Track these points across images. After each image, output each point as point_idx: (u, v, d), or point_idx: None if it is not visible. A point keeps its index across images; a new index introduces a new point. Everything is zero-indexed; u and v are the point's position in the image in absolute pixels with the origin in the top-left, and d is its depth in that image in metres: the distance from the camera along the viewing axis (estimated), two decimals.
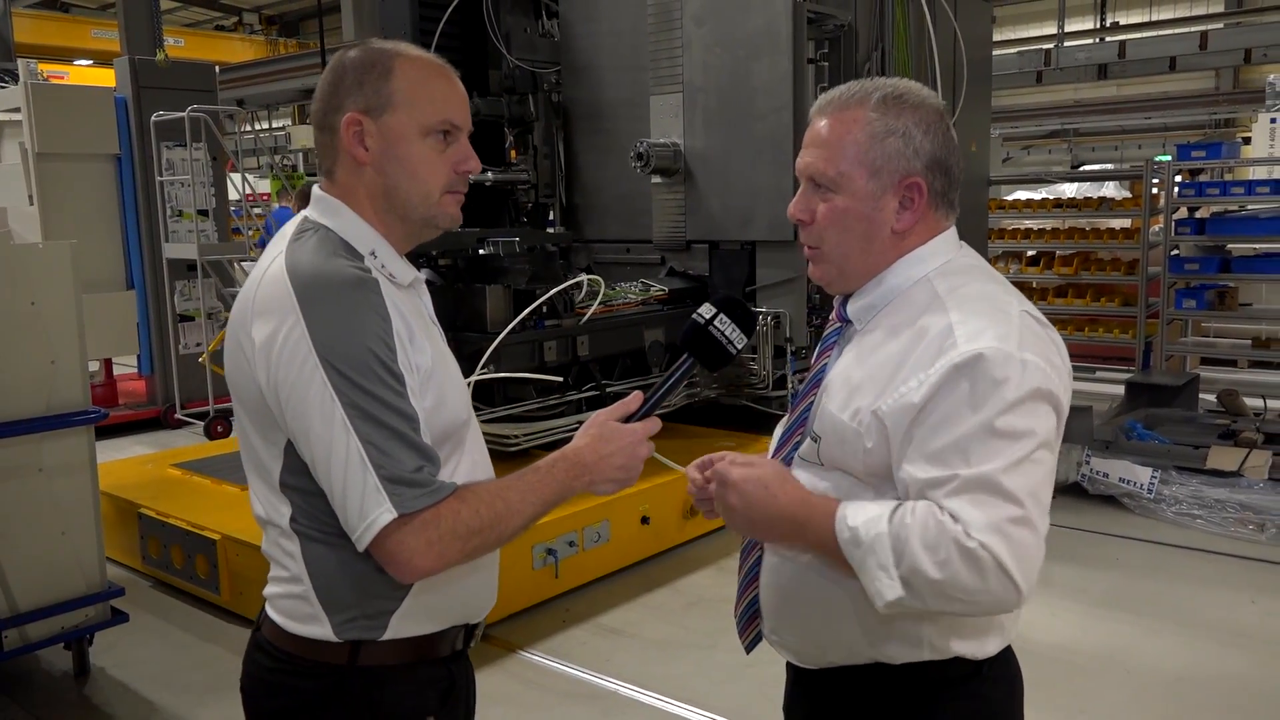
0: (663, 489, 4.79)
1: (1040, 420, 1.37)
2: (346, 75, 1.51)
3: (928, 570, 1.31)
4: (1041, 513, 1.35)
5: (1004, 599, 1.32)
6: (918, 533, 1.33)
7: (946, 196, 1.50)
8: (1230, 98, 18.81)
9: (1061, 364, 1.43)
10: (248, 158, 17.50)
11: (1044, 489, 1.37)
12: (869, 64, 5.78)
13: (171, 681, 3.84)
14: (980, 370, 1.34)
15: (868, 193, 1.46)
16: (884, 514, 1.36)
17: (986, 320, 1.39)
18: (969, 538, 1.30)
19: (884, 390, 1.41)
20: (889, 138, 1.44)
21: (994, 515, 1.31)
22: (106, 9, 21.21)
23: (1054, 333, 1.47)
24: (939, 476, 1.34)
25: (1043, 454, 1.37)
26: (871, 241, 1.49)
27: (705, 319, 1.64)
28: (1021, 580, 1.31)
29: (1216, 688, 3.65)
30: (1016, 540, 1.31)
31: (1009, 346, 1.36)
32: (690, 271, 5.91)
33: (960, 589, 1.31)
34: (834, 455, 1.49)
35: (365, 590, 1.48)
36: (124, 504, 4.75)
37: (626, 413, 1.60)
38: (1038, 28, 18.63)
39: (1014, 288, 1.51)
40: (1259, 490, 5.17)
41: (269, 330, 1.41)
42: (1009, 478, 1.32)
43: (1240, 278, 7.75)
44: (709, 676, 3.73)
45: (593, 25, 6.12)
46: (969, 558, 1.30)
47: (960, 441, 1.34)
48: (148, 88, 7.74)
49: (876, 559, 1.34)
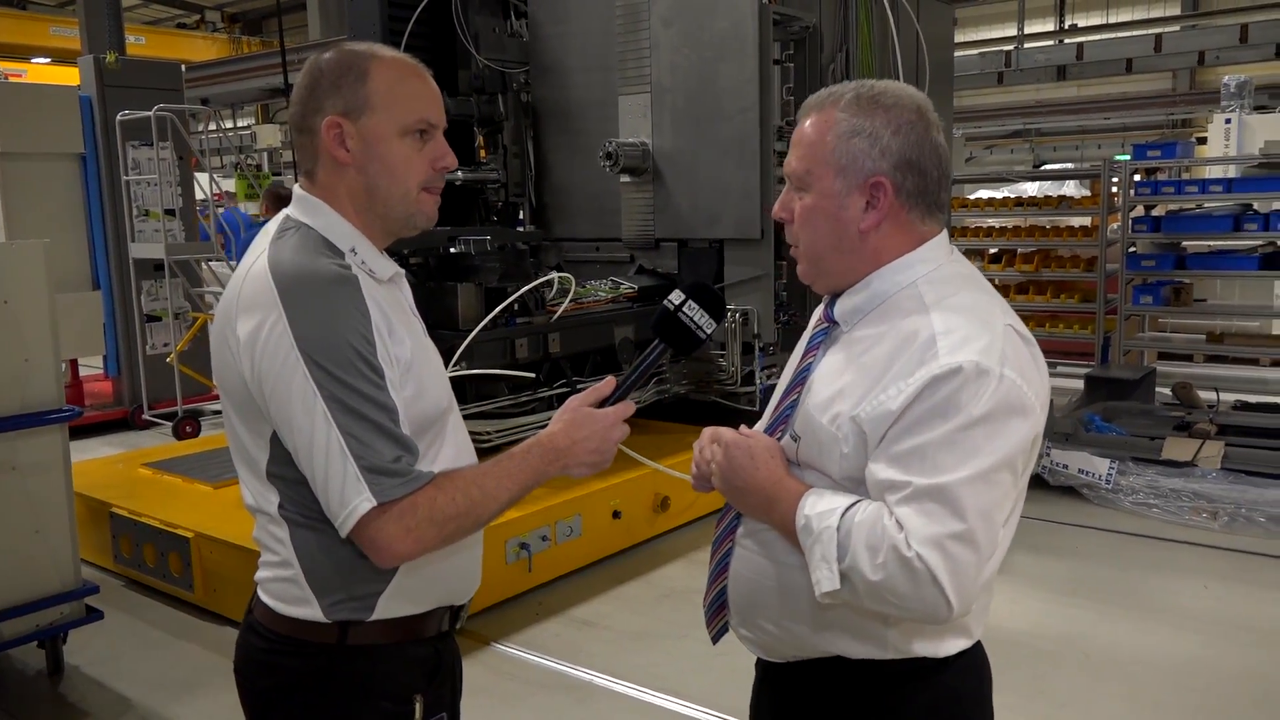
0: (634, 484, 4.86)
1: (1009, 438, 1.37)
2: (323, 78, 1.56)
3: (865, 570, 1.35)
4: (989, 532, 1.36)
5: (934, 610, 1.34)
6: (864, 533, 1.36)
7: (924, 198, 1.49)
8: (1187, 98, 19.19)
9: (1040, 380, 1.44)
10: (213, 157, 17.35)
11: (998, 509, 1.38)
12: (834, 65, 5.88)
13: (146, 679, 3.85)
14: (957, 383, 1.35)
15: (834, 192, 1.48)
16: (839, 508, 1.40)
17: (970, 333, 1.40)
18: (908, 547, 1.32)
19: (864, 397, 1.43)
20: (854, 138, 1.46)
21: (936, 529, 1.33)
22: (65, 6, 20.93)
23: (1036, 348, 1.48)
24: (896, 480, 1.36)
25: (1003, 475, 1.37)
26: (840, 240, 1.50)
27: (674, 305, 1.69)
28: (954, 595, 1.32)
29: (1170, 669, 3.78)
30: (954, 556, 1.33)
31: (989, 361, 1.37)
32: (659, 269, 5.98)
33: (893, 594, 1.34)
34: (811, 457, 1.51)
35: (352, 573, 1.53)
36: (95, 504, 4.75)
37: (600, 398, 1.65)
38: (999, 29, 18.89)
39: (1001, 299, 1.51)
40: (1212, 479, 5.33)
41: (253, 325, 1.46)
42: (961, 492, 1.33)
43: (1195, 274, 7.95)
44: (680, 666, 3.80)
45: (561, 26, 6.17)
46: (905, 566, 1.32)
47: (923, 448, 1.36)
48: (112, 86, 7.69)
49: (822, 550, 1.39)
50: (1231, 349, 8.17)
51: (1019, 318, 1.51)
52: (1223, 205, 7.90)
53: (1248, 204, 7.95)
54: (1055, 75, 14.36)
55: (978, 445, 1.35)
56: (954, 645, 1.51)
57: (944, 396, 1.36)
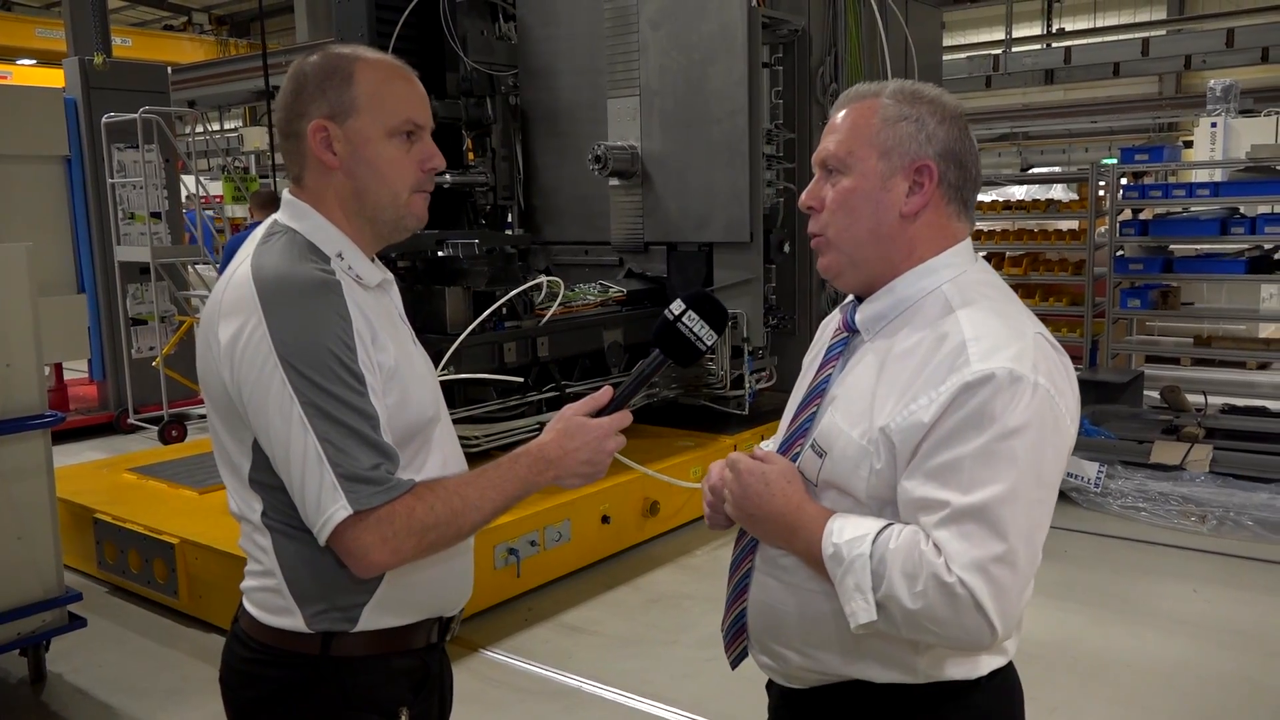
0: (623, 488, 4.84)
1: (1045, 451, 1.32)
2: (308, 82, 1.54)
3: (904, 599, 1.30)
4: (1030, 552, 1.31)
5: (978, 636, 1.29)
6: (900, 560, 1.30)
7: (960, 193, 1.47)
8: (1173, 102, 19.29)
9: (1070, 390, 1.40)
10: (199, 159, 17.28)
11: (1039, 528, 1.33)
12: (822, 68, 5.89)
13: (130, 686, 3.82)
14: (990, 390, 1.31)
15: (877, 173, 1.44)
16: (869, 534, 1.34)
17: (1001, 339, 1.35)
18: (949, 572, 1.27)
19: (894, 408, 1.37)
20: (901, 122, 1.44)
21: (978, 553, 1.27)
22: (51, 7, 20.82)
23: (1066, 358, 1.43)
24: (931, 499, 1.32)
25: (1043, 491, 1.33)
26: (880, 225, 1.45)
27: (674, 315, 1.63)
28: (998, 620, 1.28)
29: (1160, 673, 3.78)
30: (997, 580, 1.28)
31: (1022, 368, 1.32)
32: (648, 273, 5.97)
33: (934, 621, 1.29)
34: (836, 474, 1.44)
35: (335, 583, 1.51)
36: (79, 509, 4.70)
37: (596, 407, 1.61)
38: (987, 33, 18.96)
39: (1026, 307, 1.46)
40: (1200, 483, 5.34)
41: (233, 330, 1.45)
42: (1002, 512, 1.28)
43: (1182, 277, 7.98)
44: (669, 671, 3.78)
45: (550, 29, 6.16)
46: (946, 593, 1.27)
47: (959, 462, 1.30)
48: (98, 88, 7.65)
49: (855, 580, 1.33)
50: (1218, 352, 8.19)
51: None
52: (1209, 209, 7.93)
53: (1234, 208, 7.99)
54: (1043, 79, 14.43)
55: (1015, 459, 1.30)
56: (986, 665, 1.46)
57: (977, 406, 1.31)
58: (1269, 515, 5.07)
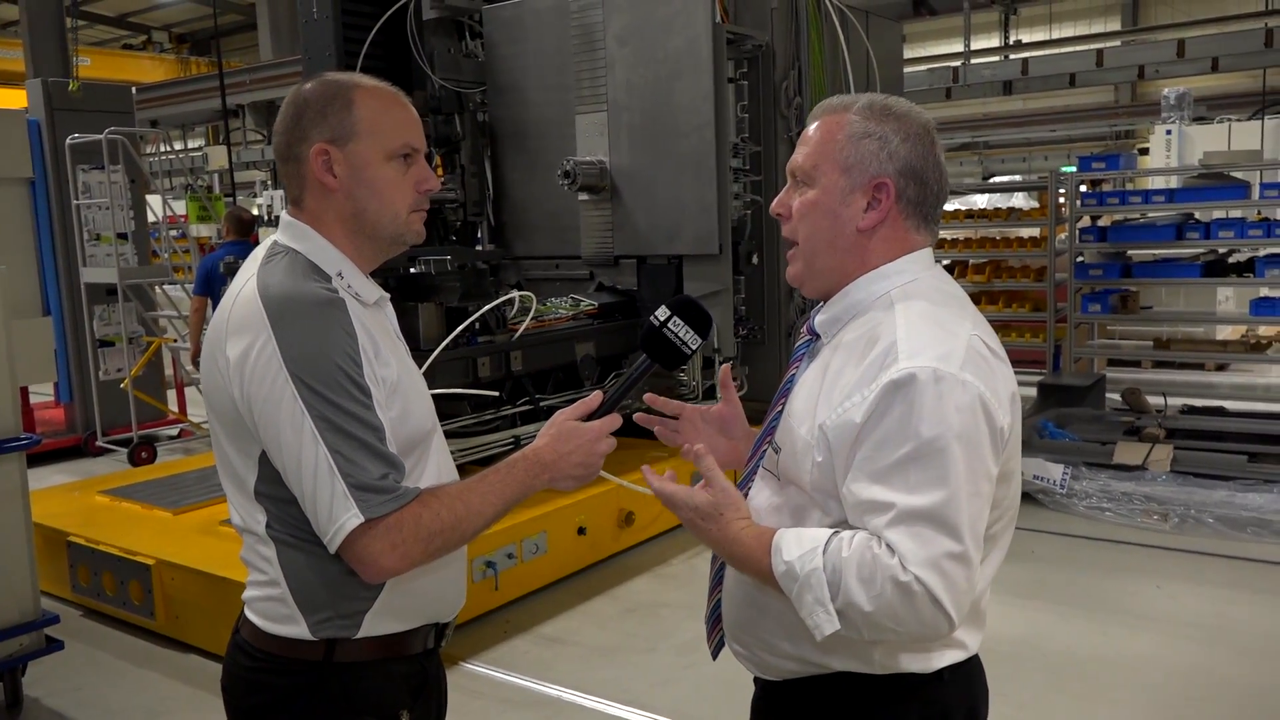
0: (598, 499, 4.88)
1: (979, 442, 1.37)
2: (309, 108, 1.60)
3: (862, 604, 1.34)
4: (977, 543, 1.37)
5: (935, 628, 1.35)
6: (854, 567, 1.35)
7: (921, 208, 1.52)
8: (1129, 110, 19.70)
9: (1005, 391, 1.43)
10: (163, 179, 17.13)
11: (981, 518, 1.38)
12: (786, 82, 5.98)
13: (107, 709, 3.80)
14: (917, 390, 1.35)
15: (838, 188, 1.50)
16: (818, 546, 1.38)
17: (930, 340, 1.40)
18: (905, 571, 1.32)
19: (829, 405, 1.44)
20: (865, 139, 1.49)
21: (931, 550, 1.33)
22: (7, 27, 20.60)
23: (1003, 365, 1.46)
24: (879, 501, 1.36)
25: (982, 484, 1.38)
26: (837, 237, 1.51)
27: (660, 321, 1.71)
28: (954, 611, 1.33)
29: (1126, 668, 3.88)
30: (950, 574, 1.33)
31: (948, 367, 1.37)
32: (619, 286, 6.02)
33: (893, 619, 1.34)
34: (790, 467, 1.52)
35: (339, 591, 1.56)
36: (51, 532, 4.67)
37: (587, 411, 1.68)
38: (946, 45, 19.26)
39: (976, 314, 1.51)
40: (1162, 482, 5.47)
41: (242, 347, 1.50)
42: (947, 510, 1.33)
43: (1140, 282, 8.16)
44: (648, 679, 3.82)
45: (517, 46, 6.21)
46: (903, 591, 1.32)
47: (899, 463, 1.35)
48: (61, 110, 7.61)
49: (813, 594, 1.37)
50: (1177, 354, 8.38)
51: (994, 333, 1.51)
52: (1165, 215, 8.12)
53: (1189, 213, 8.18)
54: (1001, 90, 14.67)
55: (953, 456, 1.35)
56: (942, 659, 1.50)
57: (906, 406, 1.36)
58: (1228, 512, 5.20)
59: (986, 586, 1.55)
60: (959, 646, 1.52)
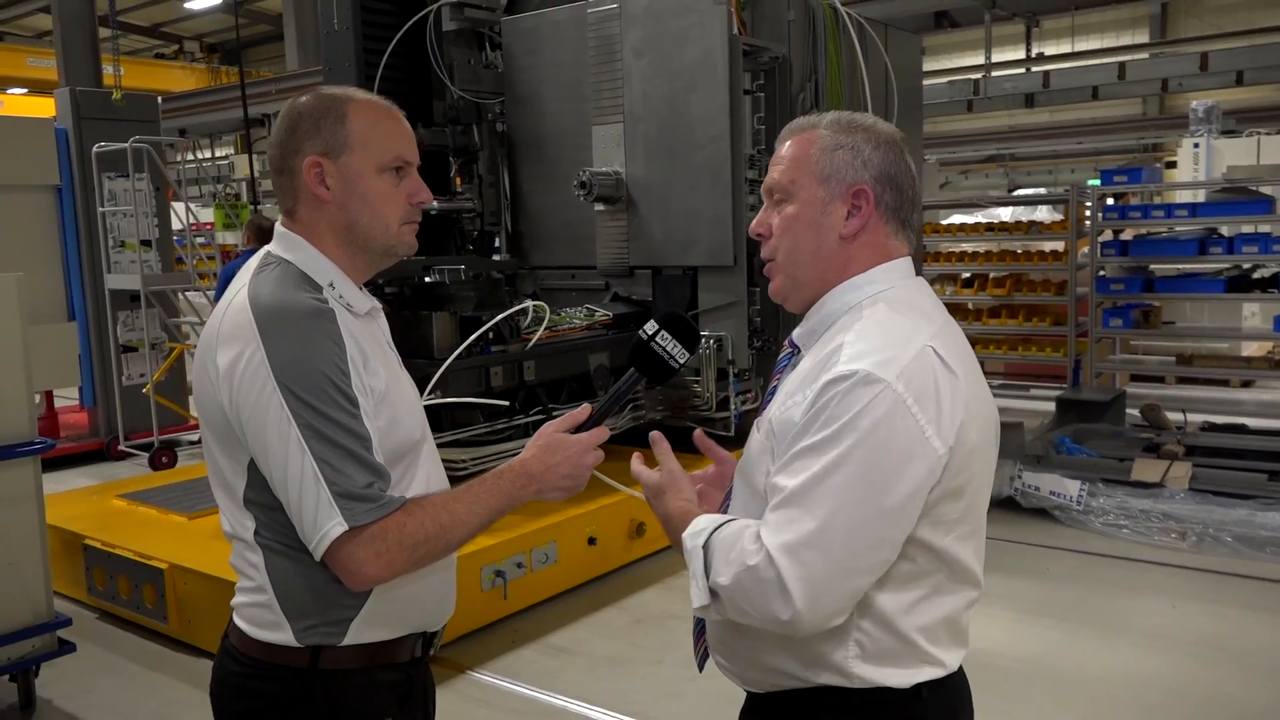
0: (609, 510, 4.89)
1: (884, 452, 1.35)
2: (302, 121, 1.63)
3: (722, 581, 1.39)
4: (850, 547, 1.34)
5: (777, 615, 1.35)
6: (724, 546, 1.41)
7: (898, 213, 1.54)
8: (1156, 123, 19.51)
9: (947, 406, 1.40)
10: (190, 186, 17.35)
11: (867, 525, 1.35)
12: (803, 94, 5.98)
13: (119, 711, 3.84)
14: (843, 388, 1.37)
15: (817, 199, 1.53)
16: (710, 526, 1.45)
17: (876, 345, 1.40)
18: (757, 554, 1.36)
19: (779, 406, 1.49)
20: (838, 150, 1.52)
21: (789, 535, 1.34)
22: (42, 36, 20.94)
23: (959, 377, 1.43)
24: (775, 484, 1.40)
25: (874, 493, 1.34)
26: (820, 248, 1.53)
27: (648, 335, 1.73)
28: (800, 601, 1.32)
29: (1137, 688, 3.83)
30: (805, 563, 1.33)
31: (883, 373, 1.36)
32: (634, 297, 6.03)
33: (746, 601, 1.38)
34: (746, 468, 1.56)
35: (324, 599, 1.58)
36: (69, 535, 4.73)
37: (575, 424, 1.70)
38: (968, 58, 19.17)
39: (944, 327, 1.49)
40: (1180, 500, 5.41)
41: (231, 356, 1.52)
42: (822, 500, 1.34)
43: (1162, 297, 8.08)
44: (655, 691, 3.82)
45: (535, 57, 6.25)
46: (752, 574, 1.36)
47: (801, 451, 1.38)
48: (89, 118, 7.72)
49: (693, 568, 1.45)
50: (1200, 370, 8.29)
51: (966, 347, 1.51)
52: (1188, 229, 8.04)
53: (1213, 228, 8.10)
54: (1023, 103, 14.59)
55: (847, 453, 1.35)
56: (918, 675, 1.49)
57: (826, 401, 1.38)
58: (1248, 531, 5.13)
59: (965, 606, 1.56)
60: (934, 663, 1.52)
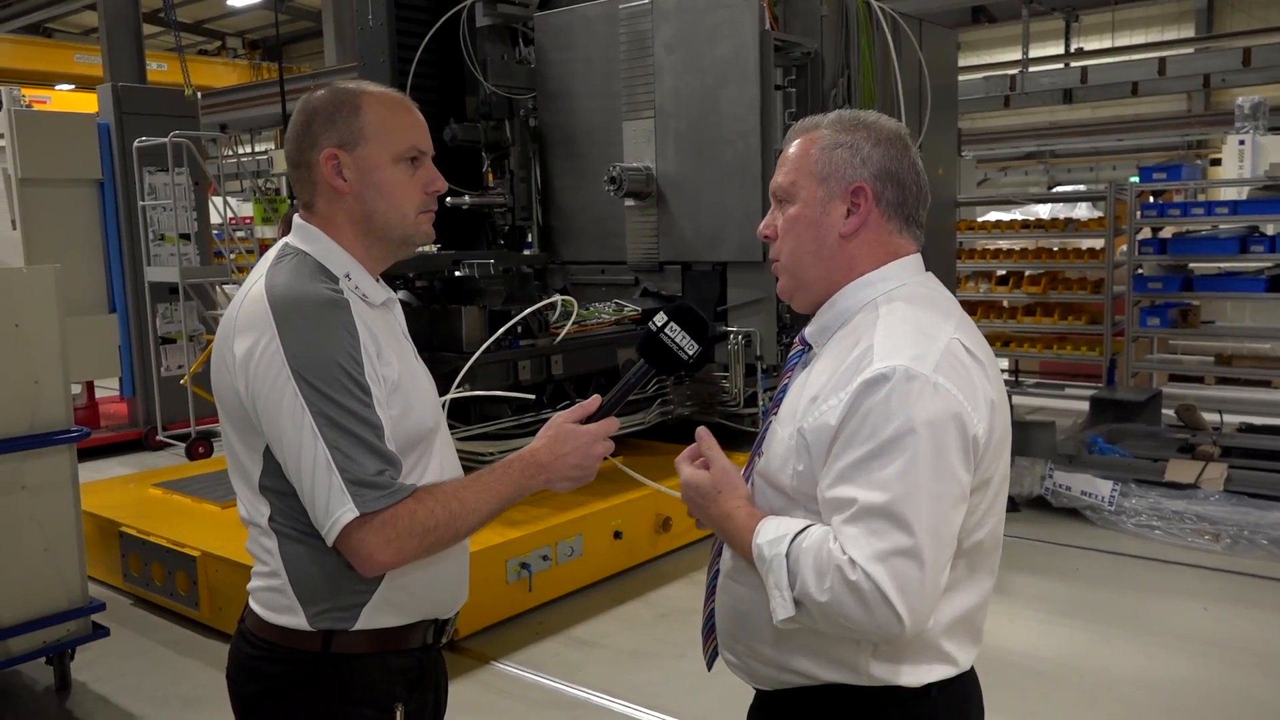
0: (635, 504, 4.90)
1: (947, 446, 1.37)
2: (318, 115, 1.66)
3: (815, 594, 1.36)
4: (937, 546, 1.36)
5: (887, 628, 1.34)
6: (810, 558, 1.37)
7: (901, 210, 1.55)
8: (1201, 120, 19.14)
9: (981, 396, 1.43)
10: (230, 181, 17.59)
11: (945, 522, 1.37)
12: (835, 90, 5.94)
13: (151, 695, 3.92)
14: (887, 388, 1.37)
15: (817, 199, 1.54)
16: (788, 534, 1.42)
17: (906, 341, 1.42)
18: (853, 568, 1.33)
19: (808, 410, 1.47)
20: (837, 149, 1.54)
21: (881, 546, 1.33)
22: (89, 33, 21.31)
23: (985, 368, 1.47)
24: (842, 498, 1.38)
25: (947, 486, 1.37)
26: (821, 247, 1.55)
27: (657, 326, 1.74)
28: (904, 611, 1.32)
29: (1164, 690, 3.78)
30: (901, 572, 1.33)
31: (920, 367, 1.38)
32: (663, 292, 6.04)
33: (844, 616, 1.35)
34: (771, 470, 1.55)
35: (337, 584, 1.61)
36: (105, 523, 4.83)
37: (585, 414, 1.71)
38: (1006, 53, 18.93)
39: (962, 320, 1.52)
40: (1214, 501, 5.32)
41: (248, 345, 1.55)
42: (904, 506, 1.34)
43: (1202, 296, 7.94)
44: (677, 685, 3.83)
45: (567, 53, 6.27)
46: (852, 588, 1.33)
47: (862, 459, 1.37)
48: (130, 114, 7.85)
49: (775, 578, 1.41)
50: (1241, 371, 8.14)
51: (984, 340, 1.52)
52: (1230, 227, 7.90)
53: (1254, 226, 7.95)
54: (1061, 99, 14.38)
55: (915, 454, 1.35)
56: (931, 674, 1.49)
57: (873, 403, 1.38)
58: None
59: (981, 603, 1.54)
60: (947, 661, 1.51)
